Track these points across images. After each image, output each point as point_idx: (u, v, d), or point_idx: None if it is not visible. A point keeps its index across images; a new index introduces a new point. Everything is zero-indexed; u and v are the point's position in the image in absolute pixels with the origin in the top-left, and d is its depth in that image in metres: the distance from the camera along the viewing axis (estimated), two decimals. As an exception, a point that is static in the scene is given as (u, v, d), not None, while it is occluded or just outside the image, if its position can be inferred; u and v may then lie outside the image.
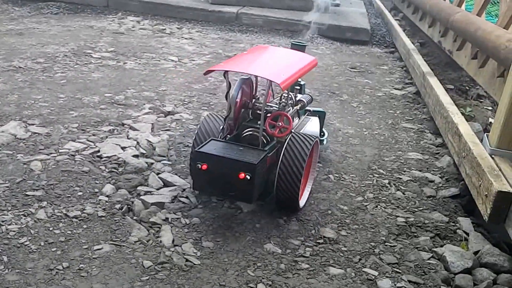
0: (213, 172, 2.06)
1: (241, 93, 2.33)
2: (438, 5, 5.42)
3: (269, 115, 2.33)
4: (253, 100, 2.47)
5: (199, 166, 2.07)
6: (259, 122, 2.28)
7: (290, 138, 2.24)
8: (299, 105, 2.43)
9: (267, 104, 2.45)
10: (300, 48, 2.82)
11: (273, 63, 2.55)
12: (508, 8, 3.37)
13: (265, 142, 2.30)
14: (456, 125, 2.96)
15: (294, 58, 2.67)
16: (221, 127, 2.32)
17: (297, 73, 2.38)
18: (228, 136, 2.32)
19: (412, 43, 5.89)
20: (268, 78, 2.15)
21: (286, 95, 2.50)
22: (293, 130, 2.35)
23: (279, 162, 2.18)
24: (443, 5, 5.27)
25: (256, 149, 2.20)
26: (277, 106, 2.46)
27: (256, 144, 2.25)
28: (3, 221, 2.01)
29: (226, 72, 2.26)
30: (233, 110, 2.29)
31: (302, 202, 2.32)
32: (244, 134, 2.35)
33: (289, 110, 2.48)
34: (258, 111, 2.39)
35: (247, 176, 2.00)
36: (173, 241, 2.02)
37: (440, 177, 2.85)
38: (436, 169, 2.96)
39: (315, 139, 2.28)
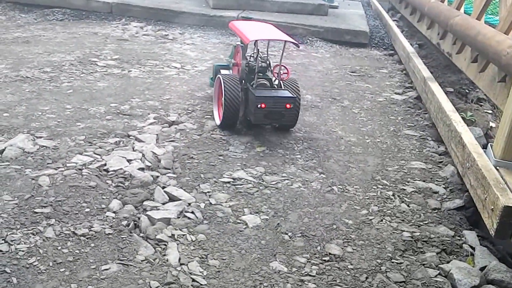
0: (269, 108, 3.08)
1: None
2: (437, 8, 5.38)
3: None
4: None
5: (259, 105, 3.05)
6: (259, 74, 3.32)
7: (285, 81, 3.35)
8: (268, 61, 3.43)
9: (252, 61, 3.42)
10: (249, 20, 3.89)
11: (273, 31, 3.54)
12: (509, 13, 3.35)
13: (269, 84, 3.31)
14: (460, 134, 2.95)
15: (271, 26, 3.74)
16: (240, 81, 3.30)
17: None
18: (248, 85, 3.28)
19: (411, 45, 5.86)
20: (293, 42, 3.23)
21: (258, 53, 3.39)
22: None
23: (294, 101, 3.18)
24: (442, 8, 5.23)
25: (282, 89, 3.28)
26: (262, 62, 3.40)
27: (270, 87, 3.30)
28: (12, 241, 2.04)
29: (257, 40, 3.25)
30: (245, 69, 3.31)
31: None
32: (260, 86, 3.28)
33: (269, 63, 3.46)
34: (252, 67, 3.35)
35: (291, 105, 3.10)
36: (179, 259, 2.04)
37: (444, 187, 2.85)
38: (440, 179, 2.96)
39: (296, 80, 3.45)
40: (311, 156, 3.13)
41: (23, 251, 1.99)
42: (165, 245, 2.14)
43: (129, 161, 2.84)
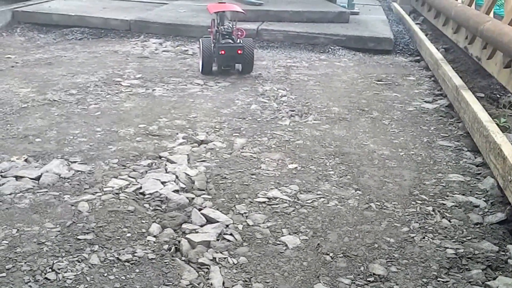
0: (227, 53, 4.87)
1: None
2: (465, 13, 5.33)
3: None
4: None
5: (221, 52, 4.84)
6: (226, 36, 4.95)
7: (243, 39, 5.02)
8: (232, 28, 5.02)
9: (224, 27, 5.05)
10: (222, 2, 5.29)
11: (230, 6, 5.16)
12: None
13: (232, 42, 4.93)
14: (499, 146, 2.90)
15: (232, 4, 5.35)
16: (212, 41, 4.99)
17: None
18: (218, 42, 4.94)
19: (437, 49, 5.80)
20: (241, 11, 5.14)
21: (228, 22, 5.15)
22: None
23: (243, 48, 4.94)
24: (470, 13, 5.17)
25: (237, 43, 4.95)
26: (230, 27, 5.01)
27: (232, 42, 4.96)
28: (59, 269, 2.06)
29: (219, 11, 4.97)
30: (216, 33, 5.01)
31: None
32: (223, 41, 4.93)
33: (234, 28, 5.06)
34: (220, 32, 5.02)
35: (242, 51, 4.88)
36: (223, 283, 2.04)
37: (484, 201, 2.80)
38: (480, 192, 2.91)
39: (252, 41, 5.17)
40: (345, 171, 3.11)
41: (70, 279, 2.01)
42: (207, 268, 2.14)
43: (163, 183, 2.85)
